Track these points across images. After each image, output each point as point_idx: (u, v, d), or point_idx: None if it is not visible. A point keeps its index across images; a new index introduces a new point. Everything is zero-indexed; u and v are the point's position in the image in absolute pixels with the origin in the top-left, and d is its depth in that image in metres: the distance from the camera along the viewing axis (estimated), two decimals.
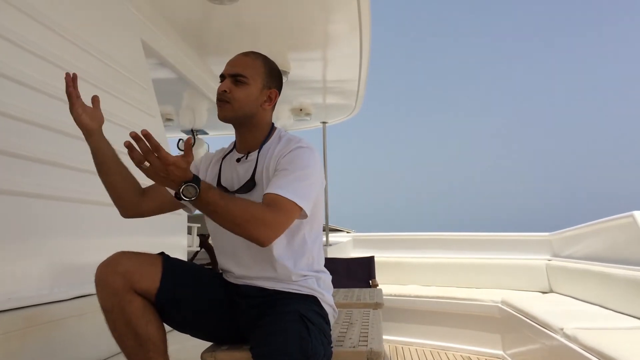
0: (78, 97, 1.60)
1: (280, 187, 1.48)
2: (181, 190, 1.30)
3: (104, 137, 1.63)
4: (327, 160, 6.51)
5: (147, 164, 1.29)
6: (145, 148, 1.25)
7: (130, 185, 1.66)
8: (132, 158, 1.27)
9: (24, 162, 1.91)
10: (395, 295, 4.97)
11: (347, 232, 7.05)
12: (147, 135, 1.24)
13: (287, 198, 1.46)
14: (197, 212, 1.82)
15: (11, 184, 1.82)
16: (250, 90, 1.63)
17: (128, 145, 1.26)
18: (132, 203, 1.67)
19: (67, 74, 1.60)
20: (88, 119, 1.59)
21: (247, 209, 1.41)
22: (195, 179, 1.32)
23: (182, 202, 1.38)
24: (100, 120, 1.64)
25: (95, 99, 1.66)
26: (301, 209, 1.50)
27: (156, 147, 1.25)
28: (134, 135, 1.24)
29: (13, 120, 1.87)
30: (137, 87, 2.95)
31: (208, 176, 1.76)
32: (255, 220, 1.40)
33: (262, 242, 1.43)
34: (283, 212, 1.46)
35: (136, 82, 2.94)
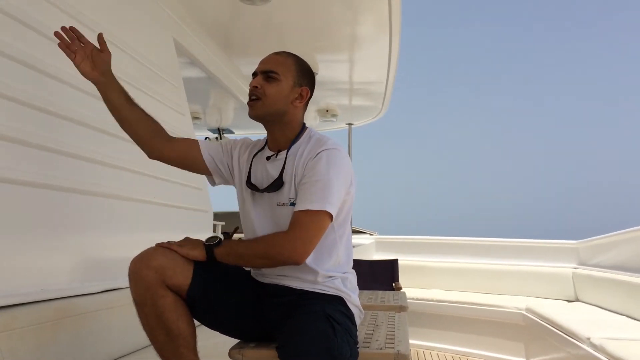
0: (74, 50, 1.67)
1: (308, 201, 1.54)
2: (206, 242, 1.57)
3: (114, 83, 1.71)
4: (351, 162, 6.49)
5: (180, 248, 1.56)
6: None
7: (148, 129, 1.75)
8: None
9: (60, 157, 1.95)
10: (417, 299, 4.94)
11: (370, 234, 7.04)
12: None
13: (313, 210, 1.52)
14: (226, 209, 1.87)
15: (47, 179, 1.86)
16: (281, 86, 1.65)
17: None
18: (152, 146, 1.77)
19: (56, 32, 1.65)
20: (88, 68, 1.68)
21: (266, 239, 1.58)
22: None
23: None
24: (103, 64, 1.70)
25: (99, 37, 1.70)
26: (330, 215, 1.55)
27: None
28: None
29: (49, 116, 1.91)
30: (168, 86, 3.00)
31: (239, 166, 1.78)
32: (279, 243, 1.53)
33: (296, 260, 1.52)
34: (309, 225, 1.53)
35: (168, 81, 2.99)
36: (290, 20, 3.64)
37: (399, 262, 4.75)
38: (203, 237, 3.49)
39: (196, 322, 1.58)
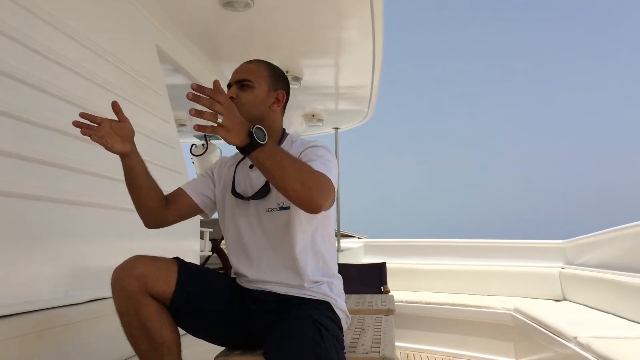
0: (101, 135, 1.50)
1: (319, 166, 1.45)
2: (253, 131, 1.28)
3: (138, 154, 1.59)
4: (339, 166, 6.50)
5: (220, 120, 1.25)
6: (206, 102, 1.25)
7: (157, 198, 1.66)
8: (207, 119, 1.26)
9: (42, 167, 1.93)
10: (406, 302, 4.95)
11: (359, 238, 7.05)
12: (198, 88, 1.25)
13: (326, 175, 1.44)
14: (214, 216, 1.84)
15: (29, 188, 1.85)
16: (256, 93, 1.66)
17: (194, 114, 1.25)
18: (157, 214, 1.68)
19: (76, 123, 1.50)
20: (120, 145, 1.52)
21: (311, 168, 1.40)
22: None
23: (249, 152, 1.30)
24: (129, 135, 1.55)
25: (115, 106, 1.55)
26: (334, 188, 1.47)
27: (216, 92, 1.25)
28: (195, 89, 1.25)
29: (31, 126, 1.90)
30: (152, 93, 2.98)
31: (222, 182, 1.78)
32: (318, 180, 1.39)
33: (320, 205, 1.38)
34: (330, 183, 1.44)
35: (151, 88, 2.97)
36: (275, 25, 3.64)
37: (388, 265, 4.77)
38: (190, 242, 3.46)
39: (181, 331, 1.57)
